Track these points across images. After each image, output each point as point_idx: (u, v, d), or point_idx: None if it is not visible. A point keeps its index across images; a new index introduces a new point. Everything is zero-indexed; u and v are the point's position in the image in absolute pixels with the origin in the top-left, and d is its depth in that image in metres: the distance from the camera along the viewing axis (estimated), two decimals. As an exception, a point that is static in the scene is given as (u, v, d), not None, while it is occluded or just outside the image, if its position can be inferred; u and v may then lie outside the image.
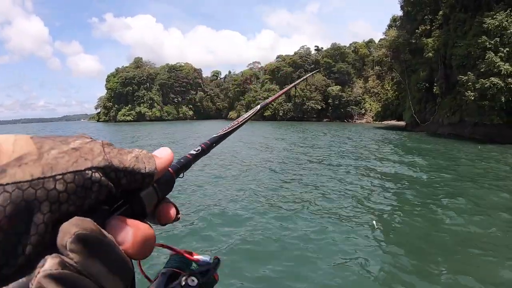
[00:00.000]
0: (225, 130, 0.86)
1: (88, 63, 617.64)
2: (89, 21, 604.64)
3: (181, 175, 0.58)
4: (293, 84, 2.66)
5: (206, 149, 0.72)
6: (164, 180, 0.43)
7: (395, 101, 59.11)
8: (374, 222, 8.43)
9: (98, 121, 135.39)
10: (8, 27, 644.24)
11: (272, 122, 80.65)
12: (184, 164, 0.60)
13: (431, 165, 17.03)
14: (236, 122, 0.94)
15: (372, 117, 76.79)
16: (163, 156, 0.41)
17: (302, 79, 3.72)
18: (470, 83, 29.63)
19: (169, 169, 0.46)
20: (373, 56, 72.80)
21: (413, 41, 42.00)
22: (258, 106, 1.22)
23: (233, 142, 26.42)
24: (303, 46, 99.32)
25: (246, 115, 1.05)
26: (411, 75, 45.03)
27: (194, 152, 0.66)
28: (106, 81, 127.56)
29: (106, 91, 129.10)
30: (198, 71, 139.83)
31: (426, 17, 40.64)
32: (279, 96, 1.84)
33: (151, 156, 0.40)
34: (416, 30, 41.33)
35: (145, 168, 0.37)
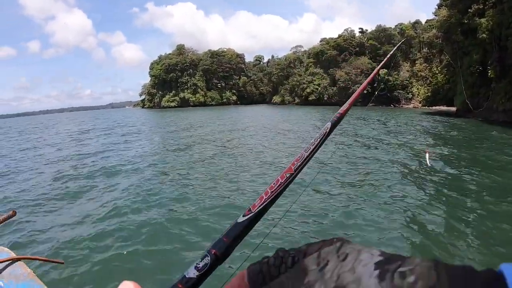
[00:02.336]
0: (266, 199, 0.76)
1: (132, 52, 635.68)
2: (130, 11, 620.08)
3: None
4: (379, 66, 2.60)
5: (221, 256, 0.61)
6: None
7: (445, 85, 55.66)
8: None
9: (142, 107, 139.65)
10: (52, 21, 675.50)
11: (315, 107, 79.07)
12: None
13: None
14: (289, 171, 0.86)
15: (420, 102, 73.25)
16: None
17: (388, 56, 3.23)
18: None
19: None
20: (422, 38, 68.88)
21: (465, 21, 39.02)
22: (329, 124, 1.12)
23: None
24: (347, 29, 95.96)
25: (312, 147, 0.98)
26: (463, 57, 42.06)
27: (195, 275, 0.56)
28: (150, 69, 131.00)
29: (150, 78, 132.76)
30: (241, 56, 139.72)
31: (479, -5, 37.49)
32: (363, 88, 1.80)
33: None
34: (469, 10, 38.23)
35: None
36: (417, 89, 76.66)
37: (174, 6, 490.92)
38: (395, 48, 4.31)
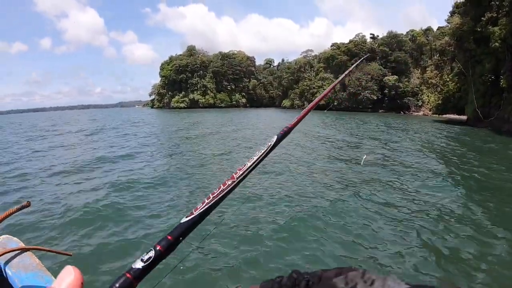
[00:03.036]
0: (200, 209, 0.82)
1: (143, 51, 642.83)
2: (143, 11, 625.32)
3: None
4: (337, 82, 2.46)
5: (164, 251, 0.69)
6: None
7: (456, 93, 55.00)
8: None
9: (152, 107, 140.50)
10: (65, 19, 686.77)
11: (325, 112, 78.56)
12: None
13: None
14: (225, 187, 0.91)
15: (430, 110, 72.51)
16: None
17: (348, 71, 3.23)
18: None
19: None
20: (435, 45, 68.29)
21: (478, 29, 38.46)
22: (275, 138, 1.19)
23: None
24: (358, 34, 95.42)
25: (255, 158, 1.06)
26: (475, 66, 41.46)
27: (140, 266, 0.63)
28: (160, 69, 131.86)
29: (160, 78, 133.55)
30: (251, 59, 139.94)
31: (492, 2, 36.86)
32: (315, 104, 1.80)
33: None
34: (482, 18, 37.68)
35: None
36: (427, 96, 75.91)
37: (186, 7, 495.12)
38: (357, 63, 4.35)
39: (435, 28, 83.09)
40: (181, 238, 0.75)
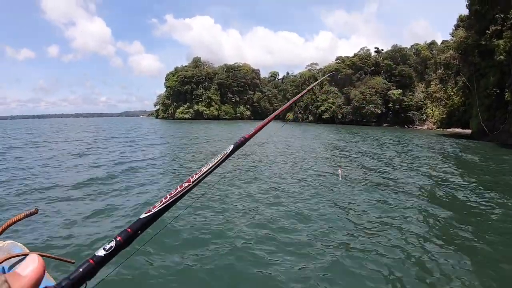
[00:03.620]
0: (167, 200, 0.92)
1: (149, 62, 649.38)
2: (150, 22, 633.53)
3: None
4: (299, 96, 2.59)
5: (124, 242, 0.78)
6: None
7: (461, 107, 54.65)
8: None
9: (156, 117, 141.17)
10: (73, 27, 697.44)
11: (329, 126, 78.25)
12: (82, 277, 0.64)
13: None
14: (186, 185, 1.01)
15: (434, 123, 72.14)
16: (27, 274, 0.36)
17: (310, 87, 3.15)
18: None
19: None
20: (439, 58, 68.16)
21: (483, 43, 38.28)
22: (231, 147, 1.30)
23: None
24: (363, 48, 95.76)
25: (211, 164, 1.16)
26: (479, 79, 41.17)
27: (102, 254, 0.71)
28: (166, 80, 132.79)
29: (165, 89, 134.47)
30: (256, 72, 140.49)
31: (496, 16, 36.71)
32: (273, 118, 1.86)
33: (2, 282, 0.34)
34: (486, 31, 37.53)
35: None
36: (432, 110, 75.65)
37: (193, 19, 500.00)
38: (321, 79, 4.39)
39: (439, 42, 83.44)
40: (139, 232, 0.83)
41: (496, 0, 36.63)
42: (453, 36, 52.56)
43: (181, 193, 0.96)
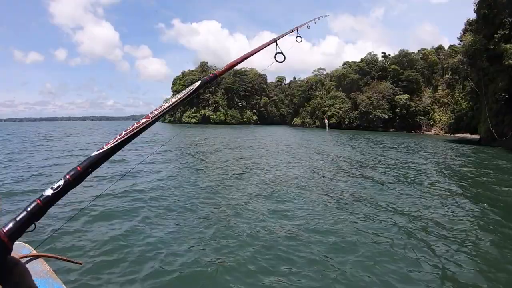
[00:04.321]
0: (111, 144, 0.86)
1: (156, 66, 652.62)
2: (157, 26, 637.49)
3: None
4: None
5: (73, 181, 0.74)
6: None
7: (469, 112, 54.09)
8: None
9: (163, 121, 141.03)
10: (80, 31, 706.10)
11: (335, 131, 77.90)
12: (29, 218, 0.65)
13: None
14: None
15: (441, 129, 71.55)
16: None
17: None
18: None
19: None
20: (447, 63, 67.61)
21: (491, 47, 37.90)
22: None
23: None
24: (370, 53, 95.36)
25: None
26: (488, 84, 40.70)
27: (50, 193, 0.68)
28: (172, 84, 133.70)
29: (172, 93, 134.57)
30: (263, 76, 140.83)
31: (505, 20, 36.33)
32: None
33: None
34: (495, 35, 37.16)
35: None
36: (439, 115, 75.06)
37: (199, 24, 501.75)
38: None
39: (446, 47, 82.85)
40: (90, 170, 0.79)
41: (504, 4, 36.29)
42: (461, 41, 52.01)
43: (137, 129, 0.93)
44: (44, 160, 20.42)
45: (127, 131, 0.90)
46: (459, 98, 61.38)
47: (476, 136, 46.98)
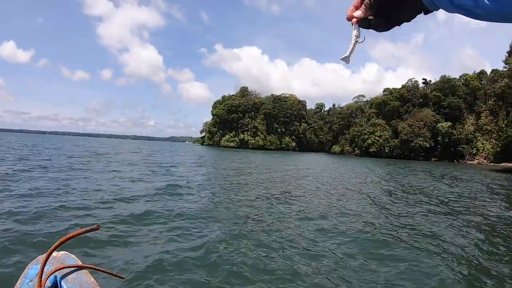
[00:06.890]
0: None
1: (197, 90, 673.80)
2: (200, 51, 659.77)
3: None
4: None
5: None
6: None
7: (515, 140, 50.89)
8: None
9: (202, 144, 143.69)
10: (126, 53, 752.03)
11: (376, 160, 75.16)
12: None
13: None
14: None
15: (485, 158, 67.49)
16: None
17: None
18: None
19: None
20: (493, 88, 64.46)
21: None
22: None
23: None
24: (410, 79, 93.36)
25: None
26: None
27: None
28: (213, 108, 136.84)
29: (212, 116, 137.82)
30: (303, 103, 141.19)
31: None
32: None
33: None
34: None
35: None
36: (482, 144, 71.02)
37: (240, 49, 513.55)
38: None
39: (488, 71, 79.07)
40: None
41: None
42: (506, 64, 49.75)
43: None
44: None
45: None
46: (503, 125, 57.90)
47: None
